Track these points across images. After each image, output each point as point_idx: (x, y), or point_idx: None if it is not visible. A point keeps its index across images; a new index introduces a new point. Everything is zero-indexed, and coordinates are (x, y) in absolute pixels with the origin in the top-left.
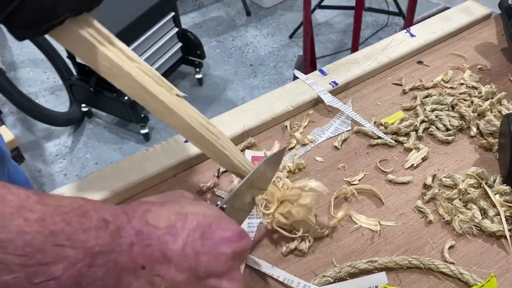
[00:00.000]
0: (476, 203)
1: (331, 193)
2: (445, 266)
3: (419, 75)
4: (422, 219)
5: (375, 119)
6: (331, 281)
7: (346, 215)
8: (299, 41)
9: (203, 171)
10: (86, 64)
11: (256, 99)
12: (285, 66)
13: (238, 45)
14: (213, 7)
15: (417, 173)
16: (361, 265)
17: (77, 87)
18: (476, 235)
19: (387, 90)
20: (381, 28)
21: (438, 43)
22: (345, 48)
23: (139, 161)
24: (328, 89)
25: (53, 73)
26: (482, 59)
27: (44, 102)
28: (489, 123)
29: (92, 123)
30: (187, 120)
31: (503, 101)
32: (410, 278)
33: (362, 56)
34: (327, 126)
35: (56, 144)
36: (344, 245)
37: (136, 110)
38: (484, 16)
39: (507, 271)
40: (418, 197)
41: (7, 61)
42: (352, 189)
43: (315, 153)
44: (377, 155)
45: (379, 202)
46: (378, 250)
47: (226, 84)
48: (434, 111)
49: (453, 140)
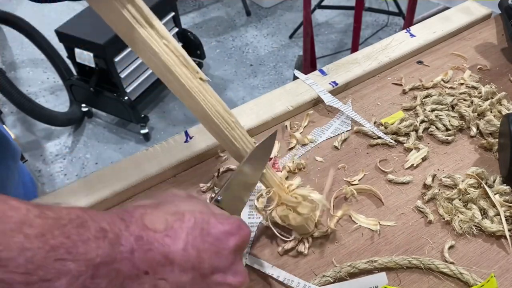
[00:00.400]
0: (476, 203)
1: (331, 192)
2: (445, 266)
3: (419, 75)
4: (422, 219)
5: (375, 119)
6: (331, 281)
7: (345, 214)
8: (299, 41)
9: (203, 171)
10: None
11: (256, 99)
12: (285, 66)
13: (238, 45)
14: (213, 7)
15: (417, 173)
16: (361, 265)
17: (77, 87)
18: (476, 235)
19: (387, 90)
20: (381, 28)
21: (438, 43)
22: (345, 48)
23: (139, 161)
24: (328, 89)
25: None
26: (482, 59)
27: (44, 102)
28: (489, 123)
29: (92, 123)
30: (204, 106)
31: (503, 101)
32: (410, 278)
33: (362, 56)
34: (327, 126)
35: (56, 144)
36: (344, 245)
37: (136, 110)
38: (484, 16)
39: (507, 271)
40: (418, 197)
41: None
42: (352, 189)
43: (315, 153)
44: (377, 155)
45: (379, 202)
46: (378, 250)
47: (226, 84)
48: (434, 111)
49: (453, 140)
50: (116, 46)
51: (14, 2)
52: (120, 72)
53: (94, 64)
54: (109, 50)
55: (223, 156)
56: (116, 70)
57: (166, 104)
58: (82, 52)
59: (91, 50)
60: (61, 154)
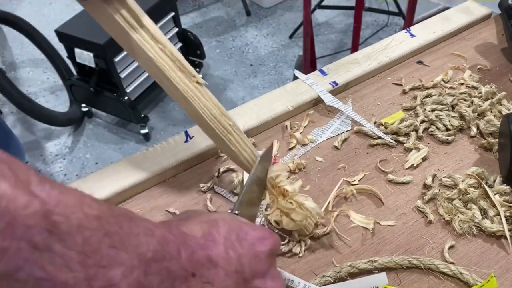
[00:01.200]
0: (476, 203)
1: (330, 190)
2: (445, 266)
3: (419, 75)
4: (422, 219)
5: (375, 119)
6: (331, 281)
7: (343, 211)
8: (299, 41)
9: (203, 171)
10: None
11: (256, 99)
12: (285, 66)
13: (238, 45)
14: (213, 7)
15: (417, 173)
16: (361, 265)
17: (77, 87)
18: (476, 235)
19: (387, 90)
20: (381, 28)
21: (438, 43)
22: (345, 48)
23: (139, 161)
24: (328, 89)
25: (53, 73)
26: (482, 59)
27: (44, 102)
28: (489, 123)
29: (92, 123)
30: (200, 111)
31: (503, 101)
32: (410, 278)
33: (362, 56)
34: (327, 126)
35: (56, 144)
36: (344, 245)
37: (136, 110)
38: (484, 16)
39: (507, 271)
40: (418, 197)
41: (7, 61)
42: (352, 189)
43: (315, 153)
44: (377, 155)
45: (379, 202)
46: (378, 250)
47: (226, 84)
48: (434, 111)
49: (453, 140)
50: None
51: (14, 2)
52: (120, 72)
53: (94, 64)
54: (109, 50)
55: (223, 156)
56: (116, 70)
57: (166, 104)
58: (82, 52)
59: (91, 50)
60: (61, 154)
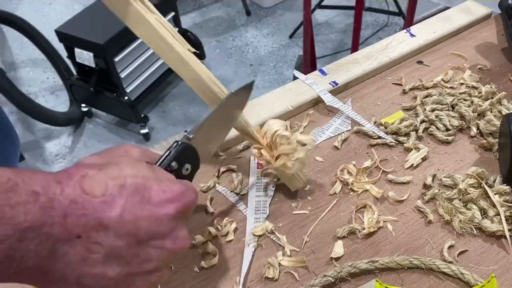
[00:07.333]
0: (476, 203)
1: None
2: (446, 266)
3: (419, 75)
4: (422, 219)
5: (375, 119)
6: (332, 281)
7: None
8: (299, 41)
9: (203, 171)
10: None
11: (256, 99)
12: (285, 66)
13: (238, 45)
14: (213, 7)
15: (417, 173)
16: (362, 265)
17: (77, 87)
18: (476, 235)
19: (387, 90)
20: (381, 28)
21: (438, 43)
22: (345, 48)
23: None
24: (328, 89)
25: (53, 73)
26: (482, 59)
27: (44, 102)
28: (489, 123)
29: (92, 123)
30: (198, 71)
31: (503, 101)
32: (411, 278)
33: (362, 56)
34: (327, 126)
35: (56, 144)
36: (345, 245)
37: (136, 110)
38: (484, 16)
39: (507, 271)
40: (418, 197)
41: (7, 61)
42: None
43: (315, 153)
44: (377, 155)
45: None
46: (378, 250)
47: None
48: (434, 111)
49: (453, 140)
50: (116, 46)
51: (14, 2)
52: (120, 72)
53: (94, 64)
54: (109, 50)
55: (223, 156)
56: (116, 70)
57: (166, 104)
58: (82, 52)
59: (91, 50)
60: (61, 154)
